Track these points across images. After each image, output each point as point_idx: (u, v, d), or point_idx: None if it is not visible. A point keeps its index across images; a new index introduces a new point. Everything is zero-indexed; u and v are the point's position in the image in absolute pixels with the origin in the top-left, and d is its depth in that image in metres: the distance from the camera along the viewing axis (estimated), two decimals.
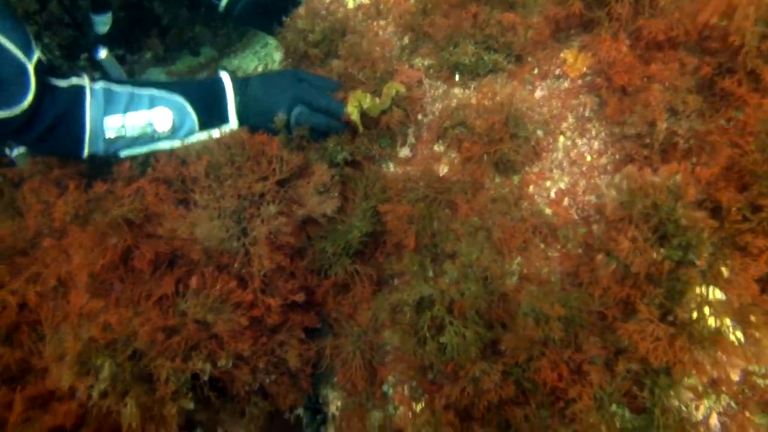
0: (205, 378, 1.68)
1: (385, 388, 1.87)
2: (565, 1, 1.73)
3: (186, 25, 2.66)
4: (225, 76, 1.95)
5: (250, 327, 1.72)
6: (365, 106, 1.83)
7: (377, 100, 1.85)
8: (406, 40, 2.10)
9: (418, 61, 2.06)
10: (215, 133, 1.88)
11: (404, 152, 1.97)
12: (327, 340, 1.91)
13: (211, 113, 1.89)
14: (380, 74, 1.94)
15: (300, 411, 2.13)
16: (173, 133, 1.87)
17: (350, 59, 1.97)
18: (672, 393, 1.49)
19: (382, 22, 2.18)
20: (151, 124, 1.84)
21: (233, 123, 1.90)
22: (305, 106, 1.89)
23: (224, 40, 2.77)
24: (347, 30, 2.12)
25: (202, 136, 1.89)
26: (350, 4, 2.26)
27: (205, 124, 1.89)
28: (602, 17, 1.70)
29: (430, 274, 1.73)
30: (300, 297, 1.75)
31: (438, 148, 1.91)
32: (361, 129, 1.86)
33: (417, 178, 1.79)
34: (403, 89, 1.87)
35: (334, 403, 2.01)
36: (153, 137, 1.87)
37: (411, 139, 1.98)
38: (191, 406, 1.70)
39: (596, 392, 1.49)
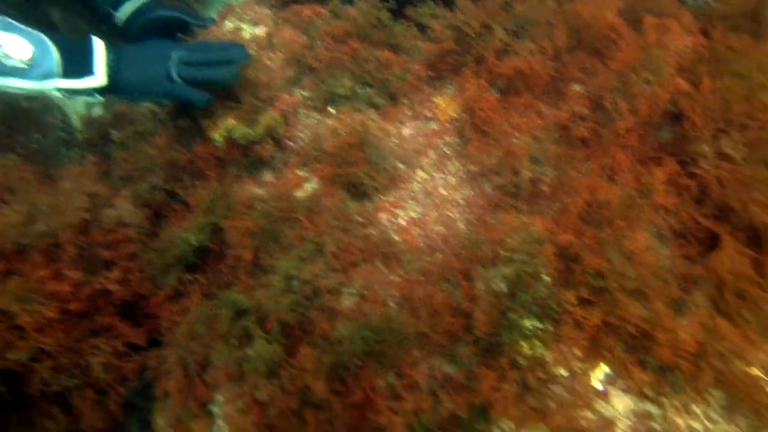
0: None
1: (214, 408, 1.72)
2: (439, 40, 1.79)
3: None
4: (95, 38, 1.83)
5: (62, 321, 1.57)
6: (235, 136, 1.81)
7: (251, 132, 1.83)
8: (290, 72, 2.12)
9: (298, 92, 2.07)
10: (78, 83, 1.74)
11: (268, 177, 1.93)
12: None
13: (75, 61, 1.73)
14: (261, 99, 1.94)
15: None
16: (30, 68, 1.67)
17: None
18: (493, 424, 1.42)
19: (272, 54, 2.20)
20: (0, 47, 1.64)
21: (100, 77, 1.75)
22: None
23: None
24: None
25: (62, 83, 1.72)
26: (246, 36, 2.28)
27: (68, 70, 1.72)
28: (469, 60, 1.77)
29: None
30: (115, 288, 1.62)
31: (301, 173, 1.88)
32: (221, 153, 1.85)
33: (266, 198, 1.75)
34: (280, 120, 1.88)
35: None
36: (2, 65, 1.66)
37: (278, 164, 1.95)
38: None
39: (411, 422, 1.40)
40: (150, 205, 1.88)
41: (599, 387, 1.54)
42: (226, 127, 1.77)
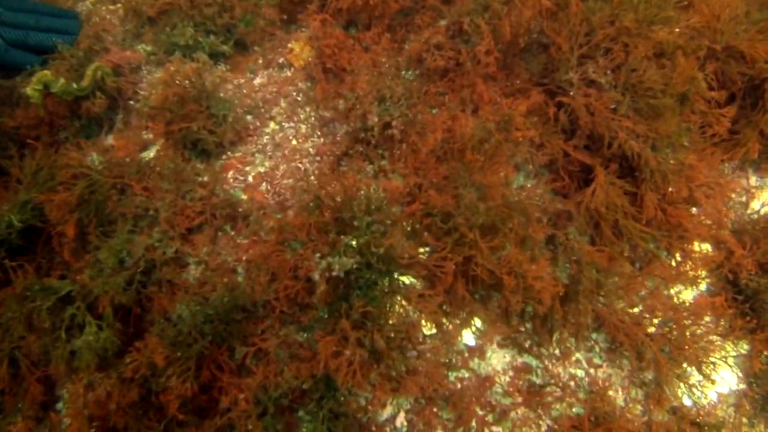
0: None
1: (59, 405, 1.53)
2: None
3: None
4: None
5: None
6: (54, 89, 1.58)
7: (74, 84, 1.60)
8: (130, 25, 1.88)
9: (141, 48, 1.84)
10: None
11: (108, 140, 1.71)
12: None
13: None
14: (84, 51, 1.71)
15: None
16: None
17: None
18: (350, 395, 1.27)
19: (112, 6, 1.96)
20: None
21: None
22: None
23: None
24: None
25: None
26: None
27: None
28: None
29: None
30: None
31: (145, 134, 1.67)
32: (41, 112, 1.63)
33: (96, 164, 1.53)
34: (108, 71, 1.65)
35: None
36: None
37: (119, 126, 1.73)
38: None
39: (258, 394, 1.23)
40: None
41: (471, 342, 1.41)
42: (39, 79, 1.53)
